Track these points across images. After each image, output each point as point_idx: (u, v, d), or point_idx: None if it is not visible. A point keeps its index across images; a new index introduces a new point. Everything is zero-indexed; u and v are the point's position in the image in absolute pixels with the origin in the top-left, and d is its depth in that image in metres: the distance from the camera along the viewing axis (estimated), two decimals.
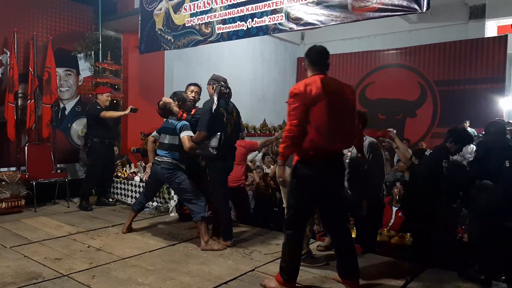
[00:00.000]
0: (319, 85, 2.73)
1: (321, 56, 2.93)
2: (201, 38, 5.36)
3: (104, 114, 5.55)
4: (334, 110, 2.73)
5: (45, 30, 6.16)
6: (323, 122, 2.71)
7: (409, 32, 10.52)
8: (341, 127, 2.78)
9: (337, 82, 2.90)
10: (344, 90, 2.86)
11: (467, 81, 9.51)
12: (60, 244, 3.92)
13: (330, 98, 2.73)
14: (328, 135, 2.72)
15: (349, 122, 2.85)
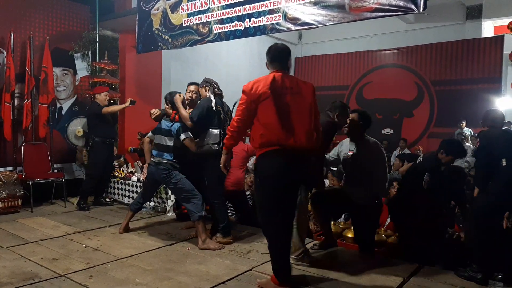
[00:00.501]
0: (268, 83, 2.80)
1: (281, 54, 2.98)
2: (198, 38, 5.36)
3: (106, 109, 5.56)
4: (283, 106, 2.78)
5: (42, 30, 6.14)
6: (271, 118, 2.77)
7: (406, 32, 10.56)
8: (292, 122, 2.79)
9: (294, 80, 2.93)
10: (300, 88, 2.89)
11: (463, 81, 9.55)
12: (57, 244, 3.91)
13: (279, 94, 2.79)
14: (277, 130, 2.76)
15: (304, 119, 2.83)
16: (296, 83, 2.91)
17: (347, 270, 3.27)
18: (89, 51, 6.59)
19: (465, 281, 3.10)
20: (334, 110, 3.57)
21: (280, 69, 2.94)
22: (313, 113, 2.89)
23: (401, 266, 3.39)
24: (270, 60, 2.99)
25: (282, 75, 2.90)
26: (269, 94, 2.78)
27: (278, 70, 2.93)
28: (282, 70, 2.94)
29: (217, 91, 4.06)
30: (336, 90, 11.26)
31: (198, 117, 3.87)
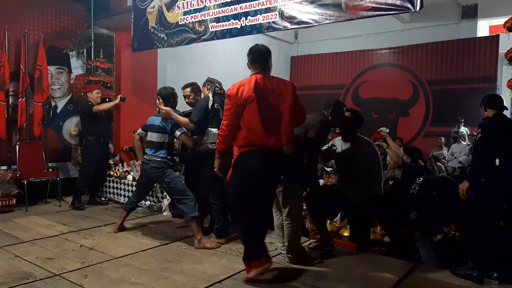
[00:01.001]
0: (252, 86, 2.90)
1: (262, 55, 3.05)
2: (194, 36, 5.34)
3: (97, 108, 5.52)
4: (266, 108, 2.90)
5: (37, 28, 6.10)
6: (255, 121, 2.89)
7: (402, 31, 10.58)
8: (273, 124, 2.91)
9: (275, 81, 3.01)
10: (281, 88, 2.97)
11: (459, 81, 9.58)
12: (52, 243, 3.89)
13: (262, 97, 2.90)
14: (259, 132, 2.89)
15: (285, 119, 2.94)
16: (277, 84, 2.99)
17: (343, 269, 3.28)
18: (84, 50, 6.56)
19: (461, 279, 3.11)
20: (328, 108, 3.56)
21: (261, 70, 3.02)
22: (293, 112, 2.98)
23: (398, 265, 3.40)
24: (251, 62, 3.06)
25: (263, 76, 2.98)
26: (254, 97, 2.88)
27: (259, 72, 3.01)
28: (263, 71, 3.02)
29: (218, 90, 4.03)
30: (332, 89, 11.28)
31: (198, 118, 3.85)
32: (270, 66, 3.10)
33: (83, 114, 5.70)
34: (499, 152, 3.19)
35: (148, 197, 5.33)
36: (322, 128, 3.38)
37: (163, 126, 4.02)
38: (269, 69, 3.08)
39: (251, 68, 3.07)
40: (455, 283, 3.03)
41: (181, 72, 8.26)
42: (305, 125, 3.34)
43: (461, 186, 3.42)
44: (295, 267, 3.30)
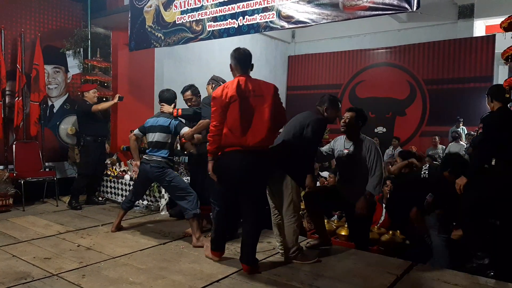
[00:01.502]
0: (234, 87, 3.05)
1: (244, 59, 3.17)
2: (191, 35, 5.34)
3: (95, 107, 5.50)
4: (246, 108, 3.05)
5: (33, 27, 6.07)
6: (235, 121, 3.04)
7: (399, 31, 10.61)
8: (253, 124, 3.05)
9: (256, 82, 3.13)
10: (262, 90, 3.10)
11: (456, 80, 9.62)
12: (49, 243, 3.87)
13: (244, 97, 3.04)
14: (238, 132, 3.04)
15: (264, 119, 3.05)
16: (259, 85, 3.12)
17: (341, 268, 3.29)
18: (81, 49, 6.54)
19: (457, 277, 3.12)
20: (323, 104, 3.54)
21: (243, 73, 3.16)
22: (274, 113, 3.08)
23: (395, 264, 3.41)
24: (234, 65, 3.19)
25: (246, 79, 3.12)
26: (236, 97, 3.04)
27: (242, 74, 3.15)
28: (245, 74, 3.16)
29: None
30: (329, 88, 11.29)
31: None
32: (252, 67, 3.22)
33: (81, 113, 5.67)
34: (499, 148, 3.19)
35: (145, 196, 5.32)
36: (318, 126, 3.38)
37: (167, 126, 4.02)
38: (251, 70, 3.22)
39: (234, 71, 3.20)
40: (452, 281, 3.05)
41: (178, 71, 8.25)
42: (301, 124, 3.34)
43: (459, 181, 3.39)
44: (293, 266, 3.31)
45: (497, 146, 3.21)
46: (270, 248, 3.73)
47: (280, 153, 3.36)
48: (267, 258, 3.50)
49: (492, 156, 3.26)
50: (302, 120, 3.36)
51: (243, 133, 3.04)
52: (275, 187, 3.40)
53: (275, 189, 3.42)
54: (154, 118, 4.17)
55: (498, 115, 3.36)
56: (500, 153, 3.23)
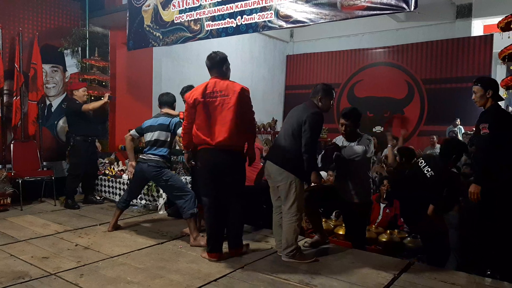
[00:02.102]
0: (201, 90, 3.30)
1: (216, 63, 3.39)
2: (190, 35, 5.34)
3: (86, 107, 5.46)
4: (212, 110, 3.27)
5: (31, 26, 6.07)
6: (200, 121, 3.31)
7: (397, 30, 10.62)
8: (217, 123, 3.26)
9: (225, 84, 3.32)
10: (228, 90, 3.27)
11: (453, 80, 9.64)
12: (47, 242, 3.87)
13: (210, 98, 3.27)
14: (205, 131, 3.29)
15: (226, 119, 3.24)
16: (226, 86, 3.30)
17: (339, 267, 3.30)
18: (79, 48, 6.53)
19: (455, 276, 3.14)
20: (317, 94, 3.50)
21: (217, 75, 3.39)
22: (238, 113, 3.24)
23: (392, 263, 3.42)
24: (208, 69, 3.44)
25: (216, 80, 3.35)
26: (199, 100, 3.28)
27: (215, 76, 3.39)
28: (219, 76, 3.38)
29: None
30: None
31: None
32: (226, 69, 3.43)
33: (70, 113, 5.58)
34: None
35: (144, 196, 5.33)
36: (315, 121, 3.32)
37: (167, 124, 4.03)
38: (225, 73, 3.41)
39: (210, 74, 3.43)
40: (449, 280, 3.06)
41: (176, 70, 8.25)
42: (298, 121, 3.32)
43: (473, 189, 3.24)
44: (291, 265, 3.32)
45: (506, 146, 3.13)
46: (268, 248, 3.74)
47: (283, 153, 3.36)
48: (265, 257, 3.50)
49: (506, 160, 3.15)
50: (298, 117, 3.35)
51: (209, 132, 3.29)
52: (279, 187, 3.39)
53: (279, 189, 3.41)
54: (153, 119, 4.17)
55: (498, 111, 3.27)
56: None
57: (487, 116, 3.30)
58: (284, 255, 3.40)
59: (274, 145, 3.51)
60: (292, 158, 3.32)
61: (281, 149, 3.39)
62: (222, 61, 3.41)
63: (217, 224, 3.44)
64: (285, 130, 3.46)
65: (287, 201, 3.35)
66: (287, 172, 3.31)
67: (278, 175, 3.35)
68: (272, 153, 3.52)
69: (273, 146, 3.52)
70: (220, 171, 3.34)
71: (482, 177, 3.26)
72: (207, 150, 3.32)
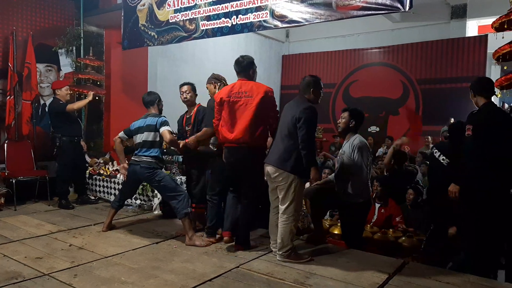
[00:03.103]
0: (227, 91, 3.55)
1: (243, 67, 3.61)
2: (185, 34, 5.32)
3: (70, 106, 5.39)
4: (237, 109, 3.49)
5: (25, 25, 6.03)
6: (225, 118, 3.55)
7: (392, 31, 10.64)
8: (238, 122, 3.48)
9: (250, 85, 3.53)
10: (252, 92, 3.48)
11: (448, 80, 9.67)
12: (41, 243, 3.85)
13: (235, 98, 3.49)
14: (227, 128, 3.53)
15: (246, 118, 3.45)
16: (251, 88, 3.50)
17: (334, 266, 3.30)
18: (73, 47, 6.50)
19: (449, 275, 3.15)
20: (308, 88, 3.50)
21: (243, 77, 3.61)
22: (258, 112, 3.44)
23: (387, 262, 3.43)
24: (236, 72, 3.66)
25: (242, 82, 3.56)
26: (226, 99, 3.52)
27: (241, 78, 3.61)
28: (245, 78, 3.60)
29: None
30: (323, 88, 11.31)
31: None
32: (252, 73, 3.64)
33: (55, 113, 5.46)
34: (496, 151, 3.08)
35: (139, 195, 5.31)
36: (310, 116, 3.32)
37: (154, 124, 4.00)
38: (250, 75, 3.62)
39: (237, 76, 3.65)
40: (443, 279, 3.07)
41: (171, 70, 8.22)
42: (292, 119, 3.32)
43: (451, 188, 3.34)
44: (286, 264, 3.32)
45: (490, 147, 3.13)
46: (263, 247, 3.74)
47: (280, 154, 3.35)
48: (260, 257, 3.50)
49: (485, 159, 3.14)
50: (291, 115, 3.34)
51: (231, 129, 3.50)
52: (279, 187, 3.39)
53: (278, 189, 3.41)
54: (141, 119, 4.12)
55: (485, 113, 3.25)
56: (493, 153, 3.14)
57: (472, 117, 3.32)
58: (279, 255, 3.40)
59: (271, 147, 3.50)
60: (290, 158, 3.31)
61: (278, 149, 3.39)
62: (249, 65, 3.62)
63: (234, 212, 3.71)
64: (280, 130, 3.46)
65: (285, 201, 3.35)
66: (286, 173, 3.31)
67: (278, 176, 3.35)
68: (270, 155, 3.49)
69: (271, 148, 3.51)
70: (237, 166, 3.56)
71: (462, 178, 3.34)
72: (229, 147, 3.56)
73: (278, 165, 3.34)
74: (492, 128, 3.17)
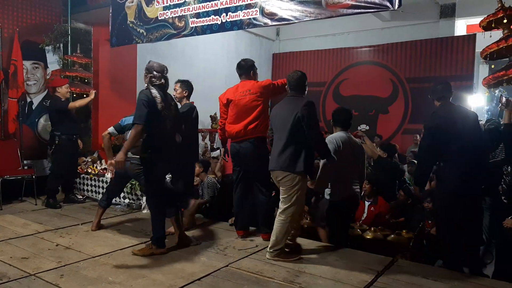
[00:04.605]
0: (231, 91, 3.91)
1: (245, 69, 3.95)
2: (174, 31, 5.28)
3: (72, 104, 5.38)
4: (238, 106, 3.81)
5: (11, 21, 5.92)
6: (232, 116, 3.88)
7: (382, 29, 10.68)
8: (240, 117, 3.80)
9: (251, 83, 3.86)
10: (256, 89, 3.80)
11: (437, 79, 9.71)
12: (27, 243, 3.79)
13: (240, 97, 3.82)
14: (235, 124, 3.82)
15: (247, 112, 3.78)
16: (253, 85, 3.84)
17: (323, 265, 3.30)
18: (61, 44, 6.41)
19: (437, 272, 3.17)
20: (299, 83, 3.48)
21: (245, 79, 3.95)
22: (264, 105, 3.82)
23: (376, 260, 3.44)
24: (238, 74, 3.99)
25: (245, 82, 3.91)
26: (231, 99, 3.87)
27: (244, 80, 3.95)
28: (244, 79, 3.95)
29: (155, 81, 3.53)
30: (313, 86, 11.29)
31: (140, 117, 3.33)
32: (253, 74, 3.97)
33: (55, 111, 5.46)
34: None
35: (127, 195, 5.26)
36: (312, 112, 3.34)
37: None
38: (253, 76, 3.96)
39: (240, 78, 3.98)
40: (432, 277, 3.09)
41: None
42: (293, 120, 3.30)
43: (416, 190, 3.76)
44: (275, 263, 3.31)
45: (440, 147, 3.31)
46: (252, 246, 3.73)
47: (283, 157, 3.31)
48: (249, 256, 3.49)
49: (435, 159, 3.39)
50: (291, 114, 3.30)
51: (239, 125, 3.79)
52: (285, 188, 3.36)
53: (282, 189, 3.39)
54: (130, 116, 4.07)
55: (436, 115, 3.52)
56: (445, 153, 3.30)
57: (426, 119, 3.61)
58: (269, 253, 3.39)
59: (272, 153, 3.47)
60: (297, 159, 3.30)
61: (282, 152, 3.34)
62: (250, 68, 3.96)
63: (239, 202, 3.98)
64: (279, 134, 3.41)
65: (287, 200, 3.35)
66: (292, 174, 3.30)
67: (284, 178, 3.34)
68: (275, 161, 3.41)
69: (272, 155, 3.48)
70: (246, 158, 3.83)
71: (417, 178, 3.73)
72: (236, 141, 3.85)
73: (285, 168, 3.31)
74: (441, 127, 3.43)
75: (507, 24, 4.49)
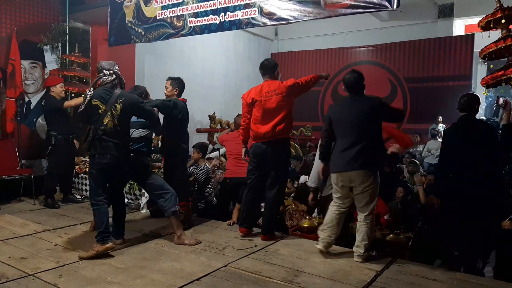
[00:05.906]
0: (256, 91, 3.83)
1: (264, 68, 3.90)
2: (172, 31, 5.28)
3: (68, 103, 5.34)
4: (268, 106, 3.76)
5: (9, 21, 5.91)
6: (257, 116, 3.82)
7: (380, 29, 10.71)
8: (267, 117, 3.76)
9: (276, 84, 3.81)
10: (282, 89, 3.76)
11: (435, 78, 9.77)
12: (26, 243, 3.78)
13: (266, 97, 3.77)
14: (261, 124, 3.79)
15: (275, 113, 3.75)
16: (278, 85, 3.79)
17: (322, 264, 3.30)
18: (59, 44, 6.39)
19: (436, 272, 3.17)
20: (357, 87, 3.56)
21: (269, 78, 3.87)
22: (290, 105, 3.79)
23: (375, 260, 3.44)
24: (262, 74, 3.92)
25: (270, 82, 3.84)
26: (257, 99, 3.79)
27: (267, 79, 3.87)
28: (268, 79, 3.87)
29: (107, 79, 3.68)
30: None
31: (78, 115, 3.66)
32: (277, 74, 3.91)
33: (50, 110, 5.41)
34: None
35: (126, 194, 5.24)
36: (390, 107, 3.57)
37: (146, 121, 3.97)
38: (277, 76, 3.90)
39: (263, 78, 3.92)
40: (430, 277, 3.09)
41: (159, 67, 8.15)
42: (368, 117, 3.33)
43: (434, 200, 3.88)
44: (274, 262, 3.31)
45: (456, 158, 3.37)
46: (252, 246, 3.72)
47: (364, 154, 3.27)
48: (248, 255, 3.49)
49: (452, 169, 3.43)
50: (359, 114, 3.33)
51: (266, 125, 3.75)
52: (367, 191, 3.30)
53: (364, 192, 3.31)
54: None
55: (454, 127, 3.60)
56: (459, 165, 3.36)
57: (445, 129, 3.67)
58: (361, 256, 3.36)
59: (341, 155, 3.36)
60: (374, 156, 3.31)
61: (359, 152, 3.27)
62: (273, 67, 3.89)
63: (250, 203, 3.94)
64: (349, 137, 3.34)
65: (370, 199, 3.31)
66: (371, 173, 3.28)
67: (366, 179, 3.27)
68: (349, 164, 3.31)
69: (341, 157, 3.36)
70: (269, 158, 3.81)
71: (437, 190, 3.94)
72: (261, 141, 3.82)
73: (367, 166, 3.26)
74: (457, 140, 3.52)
75: (505, 24, 4.50)
